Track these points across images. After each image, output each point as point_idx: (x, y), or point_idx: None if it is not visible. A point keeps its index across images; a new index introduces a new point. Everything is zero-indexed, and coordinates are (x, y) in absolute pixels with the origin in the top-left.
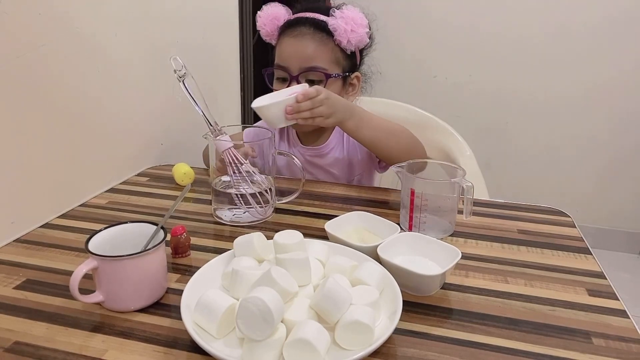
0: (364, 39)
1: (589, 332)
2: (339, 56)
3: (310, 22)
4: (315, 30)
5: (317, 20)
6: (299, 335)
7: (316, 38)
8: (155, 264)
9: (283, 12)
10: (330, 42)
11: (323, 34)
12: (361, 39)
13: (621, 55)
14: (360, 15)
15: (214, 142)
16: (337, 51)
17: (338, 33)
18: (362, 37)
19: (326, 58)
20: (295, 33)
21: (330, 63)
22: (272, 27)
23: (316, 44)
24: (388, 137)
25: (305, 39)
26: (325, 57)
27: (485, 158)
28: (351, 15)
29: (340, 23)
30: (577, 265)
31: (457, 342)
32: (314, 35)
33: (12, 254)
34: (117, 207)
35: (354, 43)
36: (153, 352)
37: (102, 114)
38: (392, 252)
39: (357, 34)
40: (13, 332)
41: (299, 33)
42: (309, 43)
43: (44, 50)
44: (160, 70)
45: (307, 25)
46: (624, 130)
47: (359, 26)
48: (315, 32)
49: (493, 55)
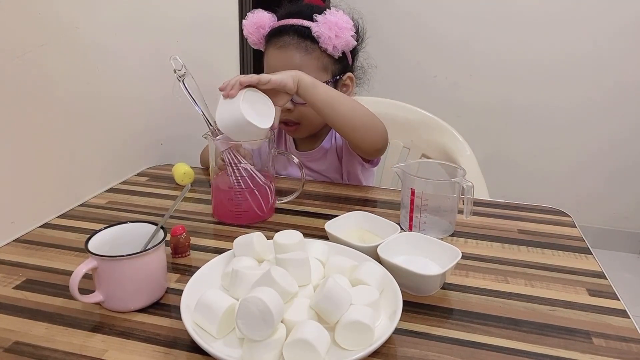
0: (349, 43)
1: (590, 332)
2: (326, 62)
3: (293, 31)
4: (300, 39)
5: (300, 27)
6: (299, 335)
7: (301, 47)
8: (155, 264)
9: (267, 19)
10: (315, 50)
11: (308, 42)
12: (347, 43)
13: (624, 59)
14: (345, 18)
15: (214, 142)
16: (323, 57)
17: (322, 40)
18: (347, 41)
19: (313, 66)
20: (279, 44)
21: (317, 71)
22: (258, 36)
23: (301, 54)
24: (341, 101)
25: (289, 50)
26: (312, 66)
27: (485, 158)
28: (334, 20)
29: (324, 30)
30: (577, 265)
31: (457, 342)
32: (298, 45)
33: (11, 254)
34: (117, 207)
35: (340, 48)
36: (153, 352)
37: (102, 114)
38: (392, 252)
39: (342, 39)
40: (13, 332)
41: (283, 44)
42: (294, 54)
43: (44, 50)
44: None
45: (291, 34)
46: (625, 130)
47: (344, 30)
48: (300, 40)
49: (493, 55)
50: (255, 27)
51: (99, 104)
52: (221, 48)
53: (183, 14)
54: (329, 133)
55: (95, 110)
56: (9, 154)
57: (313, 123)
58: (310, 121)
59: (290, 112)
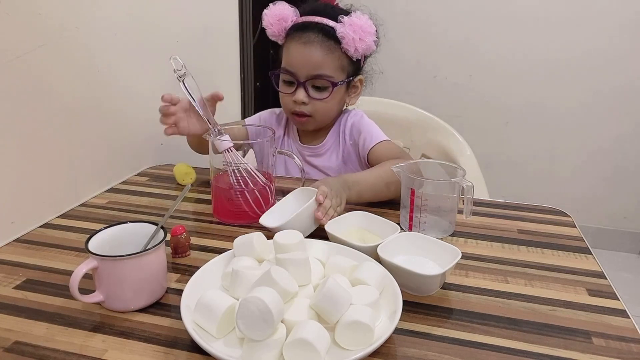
0: (370, 47)
1: (589, 332)
2: (344, 63)
3: (318, 28)
4: (324, 38)
5: (325, 26)
6: (299, 335)
7: (324, 46)
8: (155, 264)
9: (290, 13)
10: (337, 50)
11: (331, 42)
12: (368, 47)
13: (624, 60)
14: (369, 22)
15: (214, 142)
16: (343, 58)
17: (346, 42)
18: (369, 45)
19: (333, 66)
20: (303, 39)
21: (336, 70)
22: (279, 28)
23: (324, 52)
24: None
25: (313, 47)
26: (332, 65)
27: (485, 158)
28: (359, 23)
29: (348, 31)
30: (577, 265)
31: (457, 342)
32: (322, 43)
33: (12, 253)
34: (117, 207)
35: (360, 51)
36: (153, 352)
37: (102, 114)
38: (392, 252)
39: (364, 43)
40: (13, 332)
41: (307, 40)
42: (317, 51)
43: (44, 50)
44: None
45: (316, 31)
46: (625, 130)
47: (367, 34)
48: (324, 39)
49: (493, 55)
50: (277, 19)
51: (99, 104)
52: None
53: (183, 14)
54: (331, 129)
55: (95, 110)
56: (9, 154)
57: (324, 118)
58: (321, 115)
59: (305, 105)
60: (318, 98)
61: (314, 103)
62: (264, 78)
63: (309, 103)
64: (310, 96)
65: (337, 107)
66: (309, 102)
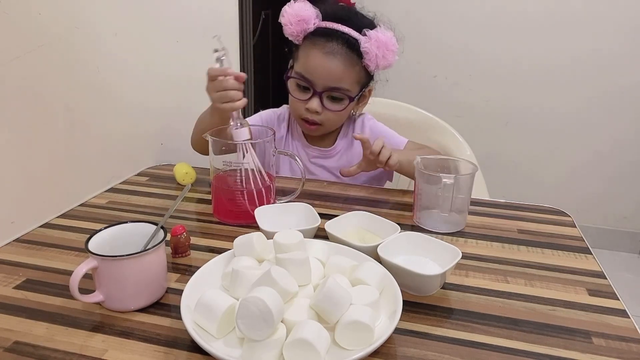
0: (390, 65)
1: (589, 332)
2: (362, 76)
3: (343, 39)
4: (347, 50)
5: (350, 37)
6: (299, 335)
7: (346, 59)
8: (155, 264)
9: (312, 15)
10: (358, 64)
11: (353, 55)
12: (389, 64)
13: (623, 61)
14: (393, 40)
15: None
16: (361, 72)
17: (369, 57)
18: (390, 63)
19: (352, 80)
20: (327, 49)
21: (354, 84)
22: (299, 29)
23: (345, 65)
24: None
25: (336, 59)
26: (351, 79)
27: (485, 158)
28: (384, 40)
29: (373, 47)
30: (577, 265)
31: (457, 342)
32: (344, 55)
33: (12, 253)
34: (117, 207)
35: (380, 68)
36: (153, 352)
37: (102, 114)
38: (392, 252)
39: (386, 60)
40: (13, 332)
41: (330, 50)
42: (339, 63)
43: (44, 50)
44: (160, 70)
45: (340, 42)
46: (625, 130)
47: (390, 52)
48: (347, 51)
49: (493, 55)
50: (297, 19)
51: (99, 104)
52: None
53: (183, 13)
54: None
55: (95, 111)
56: (9, 154)
57: (332, 126)
58: (331, 124)
59: (317, 114)
60: (332, 110)
61: (326, 113)
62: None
63: (322, 112)
64: (325, 107)
65: (346, 116)
66: (322, 111)
